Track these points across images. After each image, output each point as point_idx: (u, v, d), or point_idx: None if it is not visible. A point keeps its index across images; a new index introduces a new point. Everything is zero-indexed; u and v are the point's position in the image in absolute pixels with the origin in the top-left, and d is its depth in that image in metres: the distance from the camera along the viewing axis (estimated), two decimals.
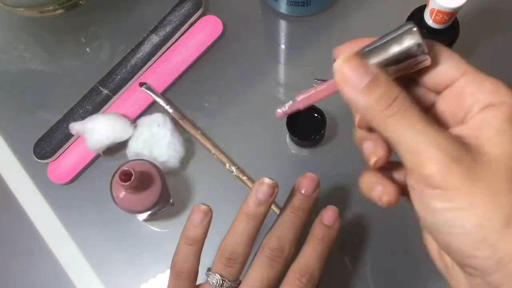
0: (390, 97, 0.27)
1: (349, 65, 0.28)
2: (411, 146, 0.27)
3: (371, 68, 0.28)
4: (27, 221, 0.52)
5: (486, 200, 0.26)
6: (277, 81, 0.56)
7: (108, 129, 0.50)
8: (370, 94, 0.27)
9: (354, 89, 0.28)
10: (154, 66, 0.56)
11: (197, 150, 0.53)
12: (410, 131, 0.27)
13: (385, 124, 0.27)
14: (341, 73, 0.28)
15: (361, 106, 0.28)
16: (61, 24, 0.59)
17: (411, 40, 0.28)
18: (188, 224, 0.40)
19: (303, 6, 0.54)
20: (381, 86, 0.27)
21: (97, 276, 0.50)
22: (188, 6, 0.57)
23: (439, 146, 0.26)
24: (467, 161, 0.26)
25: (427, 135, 0.26)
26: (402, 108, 0.27)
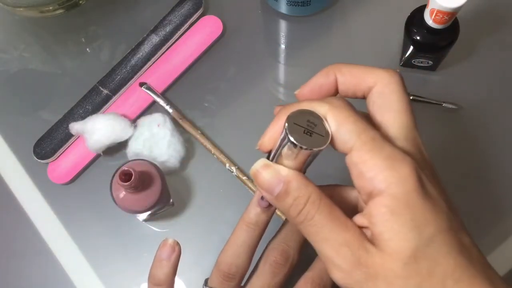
0: (298, 205, 0.29)
1: (265, 173, 0.30)
2: (320, 252, 0.29)
3: (283, 177, 0.30)
4: (27, 221, 0.52)
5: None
6: (277, 81, 0.56)
7: (108, 129, 0.50)
8: (282, 201, 0.30)
9: (269, 195, 0.30)
10: (154, 66, 0.56)
11: (197, 150, 0.53)
12: (315, 238, 0.29)
13: (299, 228, 0.30)
14: (257, 179, 0.31)
15: (279, 208, 0.31)
16: (61, 24, 0.59)
17: (288, 142, 0.29)
18: (154, 264, 0.37)
19: (303, 6, 0.54)
20: (291, 195, 0.29)
21: (97, 276, 0.50)
22: (188, 6, 0.57)
23: (339, 254, 0.28)
24: (365, 262, 0.27)
25: (329, 243, 0.28)
26: (308, 217, 0.29)
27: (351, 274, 0.28)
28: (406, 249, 0.27)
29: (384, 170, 0.27)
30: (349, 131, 0.28)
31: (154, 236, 0.51)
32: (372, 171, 0.28)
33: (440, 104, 0.52)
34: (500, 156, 0.51)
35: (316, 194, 0.29)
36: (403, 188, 0.27)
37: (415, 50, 0.50)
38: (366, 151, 0.28)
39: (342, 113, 0.29)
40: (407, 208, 0.27)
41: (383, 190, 0.27)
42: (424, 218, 0.27)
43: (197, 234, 0.51)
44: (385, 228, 0.27)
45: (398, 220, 0.27)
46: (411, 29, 0.49)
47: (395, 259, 0.27)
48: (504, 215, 0.50)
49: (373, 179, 0.28)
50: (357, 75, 0.32)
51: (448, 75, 0.54)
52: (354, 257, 0.28)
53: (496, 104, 0.53)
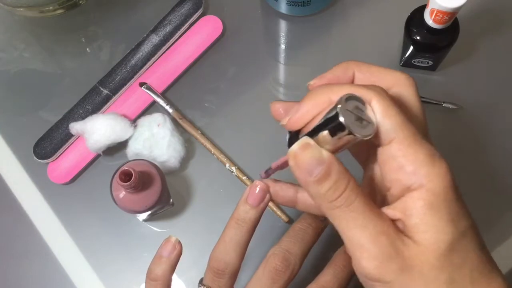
0: (338, 189, 0.28)
1: (304, 154, 0.29)
2: (351, 240, 0.28)
3: (325, 159, 0.29)
4: (27, 221, 0.52)
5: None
6: (277, 81, 0.56)
7: (108, 129, 0.50)
8: (320, 185, 0.29)
9: (307, 178, 0.29)
10: (154, 66, 0.56)
11: (197, 150, 0.53)
12: (351, 224, 0.28)
13: (331, 214, 0.29)
14: (296, 159, 0.29)
15: (311, 193, 0.30)
16: (61, 24, 0.59)
17: (337, 125, 0.28)
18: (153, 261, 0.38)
19: (303, 6, 0.54)
20: (331, 178, 0.29)
21: (97, 276, 0.50)
22: (188, 6, 0.57)
23: (376, 242, 0.28)
24: (402, 253, 0.28)
25: (366, 231, 0.28)
26: (348, 202, 0.28)
27: (387, 264, 0.27)
28: (444, 241, 0.27)
29: (425, 166, 0.28)
30: (393, 122, 0.28)
31: (154, 236, 0.51)
32: (413, 165, 0.28)
33: (440, 104, 0.52)
34: (500, 155, 0.51)
35: (355, 181, 0.29)
36: (442, 184, 0.28)
37: (415, 50, 0.50)
38: (408, 145, 0.28)
39: (386, 103, 0.29)
40: (445, 203, 0.28)
41: (423, 184, 0.28)
42: (458, 213, 0.28)
43: (197, 234, 0.51)
44: (422, 221, 0.28)
45: (436, 214, 0.27)
46: (411, 29, 0.49)
47: (431, 251, 0.27)
48: (504, 215, 0.50)
49: (414, 173, 0.28)
50: (375, 74, 0.32)
51: (448, 75, 0.54)
52: (392, 247, 0.28)
53: (496, 104, 0.53)
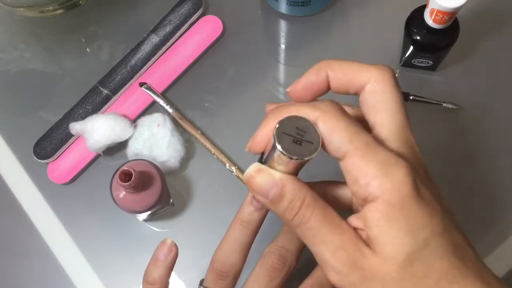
0: (294, 208, 0.29)
1: (258, 178, 0.30)
2: (316, 254, 0.29)
3: (277, 181, 0.29)
4: (27, 221, 0.52)
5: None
6: (277, 81, 0.56)
7: (108, 129, 0.50)
8: (277, 205, 0.29)
9: (264, 200, 0.30)
10: (154, 66, 0.56)
11: (197, 150, 0.53)
12: (311, 240, 0.29)
13: (295, 231, 0.30)
14: (251, 184, 0.30)
15: (272, 212, 0.30)
16: (61, 24, 0.59)
17: (277, 151, 0.28)
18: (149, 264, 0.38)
19: (303, 6, 0.54)
20: (286, 199, 0.29)
21: (97, 276, 0.50)
22: (188, 6, 0.57)
23: (336, 257, 0.28)
24: (361, 265, 0.28)
25: (326, 246, 0.28)
26: (304, 219, 0.29)
27: (348, 276, 0.28)
28: (401, 253, 0.27)
29: (378, 177, 0.27)
30: (341, 137, 0.28)
31: (154, 236, 0.51)
32: (366, 178, 0.28)
33: (440, 104, 0.52)
34: (500, 155, 0.51)
35: (311, 196, 0.29)
36: (398, 194, 0.27)
37: (415, 50, 0.50)
38: (360, 157, 0.28)
39: (332, 119, 0.29)
40: (402, 213, 0.27)
41: (378, 196, 0.27)
42: (418, 222, 0.27)
43: (197, 234, 0.51)
44: (380, 233, 0.27)
45: (393, 226, 0.27)
46: (411, 29, 0.49)
47: (390, 263, 0.27)
48: (504, 215, 0.50)
49: (367, 186, 0.27)
50: (348, 72, 0.32)
51: (448, 75, 0.54)
52: (350, 259, 0.28)
53: (496, 104, 0.53)
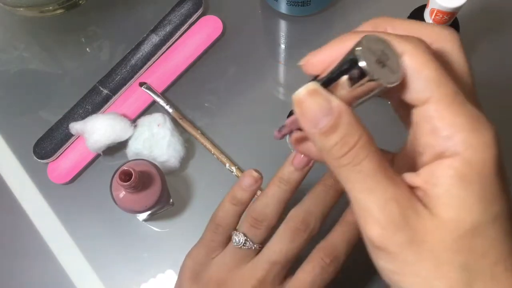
0: (346, 145, 0.25)
1: (310, 102, 0.25)
2: (358, 202, 0.25)
3: (334, 109, 0.25)
4: (27, 221, 0.52)
5: (428, 271, 0.24)
6: (277, 81, 0.56)
7: (108, 129, 0.50)
8: (326, 138, 0.25)
9: (312, 128, 0.25)
10: (154, 66, 0.56)
11: (197, 150, 0.53)
12: (359, 186, 0.25)
13: (337, 172, 0.26)
14: (301, 107, 0.25)
15: (316, 145, 0.26)
16: (61, 24, 0.59)
17: (355, 67, 0.24)
18: (236, 186, 0.40)
19: (303, 6, 0.54)
20: (339, 132, 0.25)
21: (97, 276, 0.50)
22: (188, 6, 0.57)
23: (384, 209, 0.24)
24: (413, 225, 0.24)
25: (374, 194, 0.25)
26: (356, 160, 0.25)
27: (393, 234, 0.24)
28: (468, 221, 0.24)
29: (464, 131, 0.24)
30: (428, 79, 0.24)
31: (154, 236, 0.51)
32: (449, 129, 0.24)
33: None
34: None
35: (367, 136, 0.25)
36: (482, 155, 0.24)
37: None
38: (446, 105, 0.24)
39: (423, 56, 0.25)
40: (480, 178, 0.24)
41: (458, 153, 0.24)
42: (493, 194, 0.24)
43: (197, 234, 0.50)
44: (448, 193, 0.24)
45: (467, 188, 0.24)
46: None
47: (450, 229, 0.24)
48: None
49: (448, 138, 0.24)
50: (411, 30, 0.27)
51: None
52: (401, 216, 0.24)
53: (496, 104, 0.53)
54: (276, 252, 0.38)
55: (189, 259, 0.42)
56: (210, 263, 0.40)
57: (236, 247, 0.39)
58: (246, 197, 0.40)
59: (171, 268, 0.50)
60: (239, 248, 0.39)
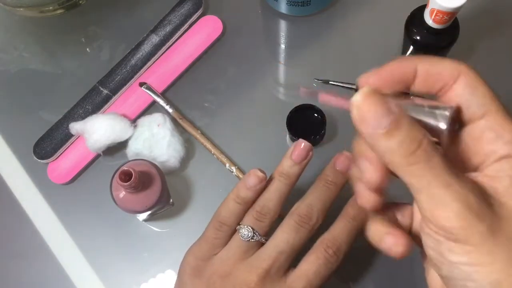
0: (413, 142, 0.25)
1: (369, 104, 0.25)
2: (434, 198, 0.25)
3: (393, 108, 0.25)
4: (27, 221, 0.52)
5: (506, 257, 0.25)
6: (277, 81, 0.56)
7: (108, 129, 0.50)
8: (391, 137, 0.25)
9: (374, 130, 0.26)
10: (154, 66, 0.56)
11: (197, 150, 0.53)
12: (434, 182, 0.25)
13: (407, 171, 0.26)
14: (359, 111, 0.26)
15: (380, 149, 0.26)
16: (61, 24, 0.59)
17: (439, 122, 0.27)
18: (241, 184, 0.42)
19: (303, 6, 0.54)
20: (403, 129, 0.25)
21: (97, 276, 0.50)
22: (188, 6, 0.57)
23: (464, 200, 0.25)
24: (489, 215, 0.25)
25: (451, 188, 0.25)
26: (426, 157, 0.25)
27: (475, 224, 0.25)
28: None
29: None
30: (485, 94, 0.27)
31: (154, 236, 0.51)
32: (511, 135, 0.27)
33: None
34: None
35: (429, 140, 0.26)
36: None
37: (415, 50, 0.50)
38: (504, 116, 0.27)
39: (475, 75, 0.28)
40: None
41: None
42: None
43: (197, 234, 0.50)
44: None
45: None
46: (411, 29, 0.49)
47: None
48: None
49: (511, 143, 0.27)
50: (437, 68, 0.29)
51: None
52: (480, 207, 0.25)
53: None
54: (283, 242, 0.40)
55: (190, 255, 0.42)
56: (213, 258, 0.41)
57: (243, 240, 0.40)
58: (250, 196, 0.41)
59: (171, 268, 0.50)
60: (245, 242, 0.40)
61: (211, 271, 0.40)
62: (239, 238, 0.41)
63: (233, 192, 0.42)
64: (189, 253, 0.42)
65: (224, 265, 0.40)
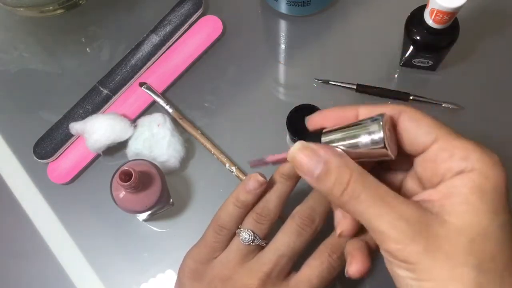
0: (342, 183, 0.29)
1: (302, 155, 0.30)
2: (371, 228, 0.29)
3: (322, 157, 0.30)
4: (27, 221, 0.52)
5: (445, 274, 0.27)
6: (277, 81, 0.56)
7: (108, 129, 0.50)
8: (323, 182, 0.30)
9: (309, 178, 0.30)
10: (154, 66, 0.56)
11: (197, 150, 0.53)
12: (366, 215, 0.29)
13: (345, 208, 0.30)
14: (294, 161, 0.31)
15: (320, 191, 0.30)
16: (61, 24, 0.59)
17: (371, 136, 0.29)
18: (240, 188, 0.41)
19: (303, 6, 0.54)
20: (331, 175, 0.29)
21: (97, 276, 0.50)
22: (188, 6, 0.57)
23: (395, 226, 0.28)
24: (425, 236, 0.27)
25: (384, 217, 0.28)
26: (355, 194, 0.29)
27: (409, 245, 0.28)
28: (481, 225, 0.27)
29: (477, 152, 0.28)
30: (430, 124, 0.30)
31: (154, 236, 0.51)
32: (465, 152, 0.29)
33: (440, 104, 0.52)
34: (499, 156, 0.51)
35: (358, 171, 0.29)
36: (495, 171, 0.28)
37: (415, 50, 0.50)
38: (453, 138, 0.29)
39: (417, 112, 0.30)
40: (493, 189, 0.28)
41: (475, 168, 0.28)
42: (503, 205, 0.28)
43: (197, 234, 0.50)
44: (465, 201, 0.27)
45: (482, 197, 0.27)
46: (411, 29, 0.49)
47: (464, 233, 0.27)
48: None
49: (466, 159, 0.28)
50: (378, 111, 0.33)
51: (448, 75, 0.54)
52: (412, 229, 0.28)
53: (496, 104, 0.53)
54: (284, 245, 0.39)
55: (189, 258, 0.42)
56: (213, 262, 0.41)
57: (243, 244, 0.40)
58: (250, 200, 0.41)
59: (171, 268, 0.50)
60: (246, 245, 0.40)
61: (212, 275, 0.40)
62: (239, 241, 0.40)
63: (232, 196, 0.41)
64: (188, 256, 0.42)
65: (224, 269, 0.40)
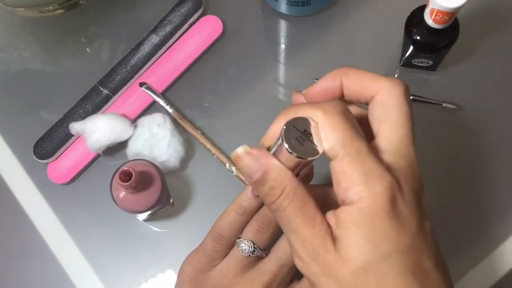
0: (273, 195, 0.31)
1: (245, 159, 0.31)
2: (288, 239, 0.31)
3: (262, 165, 0.31)
4: (27, 221, 0.52)
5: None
6: (277, 81, 0.56)
7: (108, 129, 0.50)
8: (259, 187, 0.31)
9: (249, 179, 0.32)
10: (154, 66, 0.56)
11: (197, 150, 0.53)
12: (285, 227, 0.31)
13: (273, 214, 0.32)
14: (238, 162, 0.32)
15: (257, 192, 0.32)
16: (61, 24, 0.59)
17: (283, 144, 0.30)
18: (243, 195, 0.41)
19: (303, 6, 0.54)
20: (267, 185, 0.31)
21: (97, 276, 0.50)
22: (188, 6, 0.57)
23: (303, 246, 0.30)
24: (323, 260, 0.29)
25: (296, 234, 0.30)
26: (281, 208, 0.30)
27: (310, 266, 0.30)
28: (358, 259, 0.28)
29: (358, 185, 0.28)
30: (336, 139, 0.29)
31: (154, 236, 0.51)
32: (347, 183, 0.29)
33: (440, 104, 0.52)
34: (499, 156, 0.51)
35: (291, 187, 0.30)
36: (372, 204, 0.28)
37: (415, 50, 0.50)
38: (347, 162, 0.29)
39: (333, 120, 0.29)
40: (370, 224, 0.28)
41: (354, 202, 0.29)
42: (383, 235, 0.28)
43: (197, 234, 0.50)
44: (346, 235, 0.29)
45: (358, 232, 0.28)
46: (411, 29, 0.49)
47: (346, 265, 0.28)
48: (504, 215, 0.50)
49: (347, 190, 0.29)
50: (361, 81, 0.33)
51: (448, 75, 0.54)
52: (314, 252, 0.29)
53: (496, 104, 0.53)
54: (285, 254, 0.39)
55: (188, 266, 0.41)
56: (212, 270, 0.40)
57: (243, 255, 0.39)
58: (252, 207, 0.40)
59: (171, 268, 0.50)
60: (245, 256, 0.39)
61: (211, 284, 0.40)
62: (239, 252, 0.40)
63: (234, 203, 0.41)
64: (187, 263, 0.41)
65: (224, 279, 0.40)
